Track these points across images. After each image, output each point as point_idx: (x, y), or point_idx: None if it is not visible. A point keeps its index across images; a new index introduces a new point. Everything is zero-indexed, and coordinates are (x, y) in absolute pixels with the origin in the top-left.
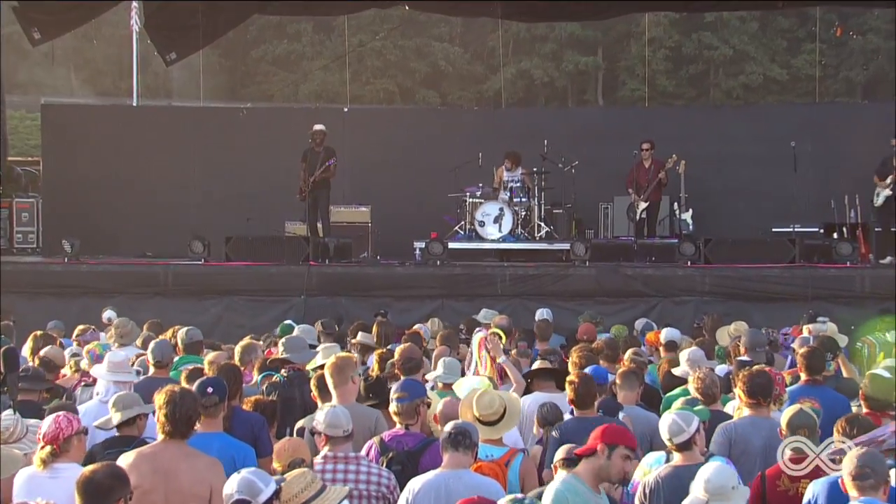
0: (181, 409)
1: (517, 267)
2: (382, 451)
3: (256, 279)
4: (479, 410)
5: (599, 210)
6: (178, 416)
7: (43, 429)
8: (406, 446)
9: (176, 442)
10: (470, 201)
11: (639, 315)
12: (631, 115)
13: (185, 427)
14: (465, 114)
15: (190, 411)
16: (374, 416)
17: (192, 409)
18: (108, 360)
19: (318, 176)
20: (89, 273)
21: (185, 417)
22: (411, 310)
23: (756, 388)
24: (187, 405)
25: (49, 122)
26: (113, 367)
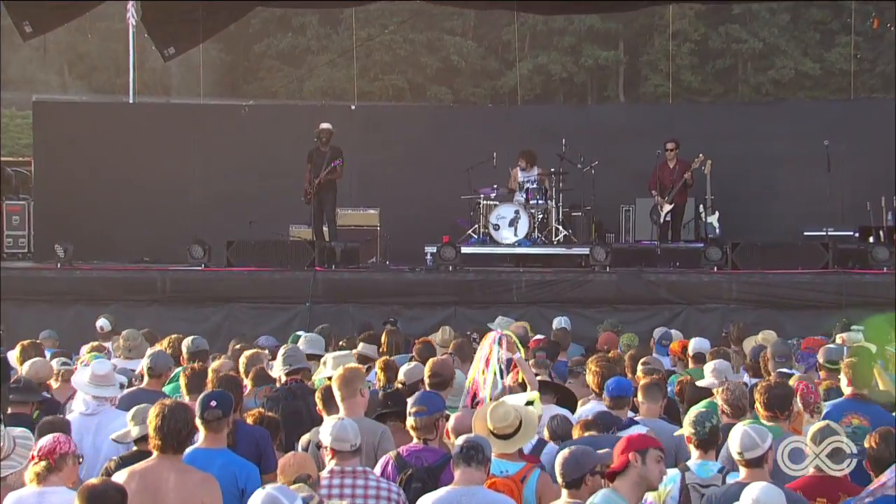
0: (171, 422)
1: (533, 273)
2: (400, 467)
3: (259, 286)
4: (494, 423)
5: (620, 213)
6: (167, 429)
7: (41, 443)
8: (425, 462)
9: (168, 457)
10: (484, 203)
11: (662, 324)
12: (654, 113)
13: (175, 441)
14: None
15: (180, 424)
16: (380, 431)
17: (183, 422)
18: (92, 371)
19: (323, 177)
20: (83, 279)
21: (175, 431)
22: (422, 318)
23: (774, 400)
24: (178, 418)
25: (41, 120)
26: (95, 379)
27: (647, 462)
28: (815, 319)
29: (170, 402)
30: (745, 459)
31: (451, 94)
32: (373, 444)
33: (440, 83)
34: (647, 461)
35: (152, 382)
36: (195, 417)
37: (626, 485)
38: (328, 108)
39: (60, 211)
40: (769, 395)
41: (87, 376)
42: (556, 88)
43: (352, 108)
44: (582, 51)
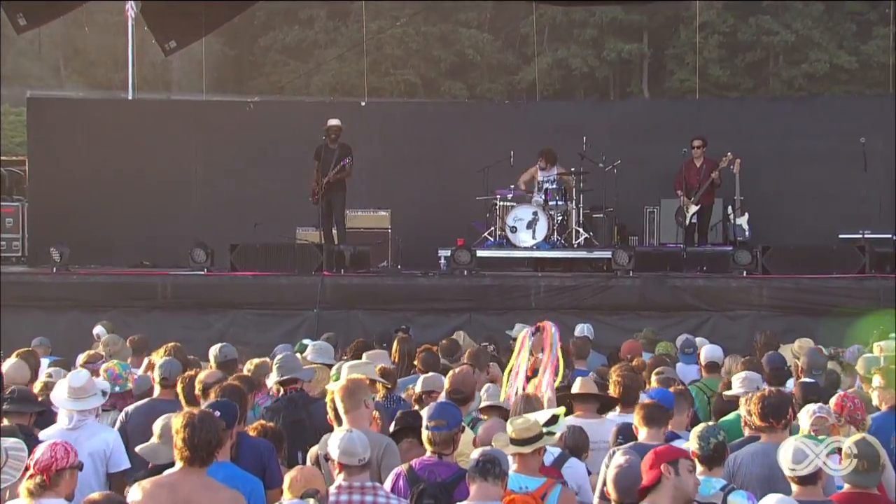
0: (201, 433)
1: (553, 278)
2: (412, 482)
3: (264, 291)
4: (515, 428)
5: (644, 214)
6: (197, 441)
7: (36, 455)
8: (439, 477)
9: (195, 470)
10: (500, 205)
11: (688, 331)
12: (680, 109)
13: (205, 454)
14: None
15: (210, 436)
16: (383, 444)
17: (213, 433)
18: (69, 384)
19: (332, 177)
20: (80, 284)
21: (205, 443)
22: (436, 325)
23: (769, 409)
24: (208, 429)
25: (36, 117)
26: (74, 392)
27: (681, 472)
28: (851, 327)
29: (198, 411)
30: (798, 477)
31: (466, 90)
32: (376, 457)
33: (454, 78)
34: (681, 471)
35: (165, 392)
36: (220, 430)
37: (663, 499)
38: (337, 105)
39: (56, 213)
40: (764, 405)
41: (64, 390)
42: (576, 84)
43: (361, 105)
44: (604, 44)
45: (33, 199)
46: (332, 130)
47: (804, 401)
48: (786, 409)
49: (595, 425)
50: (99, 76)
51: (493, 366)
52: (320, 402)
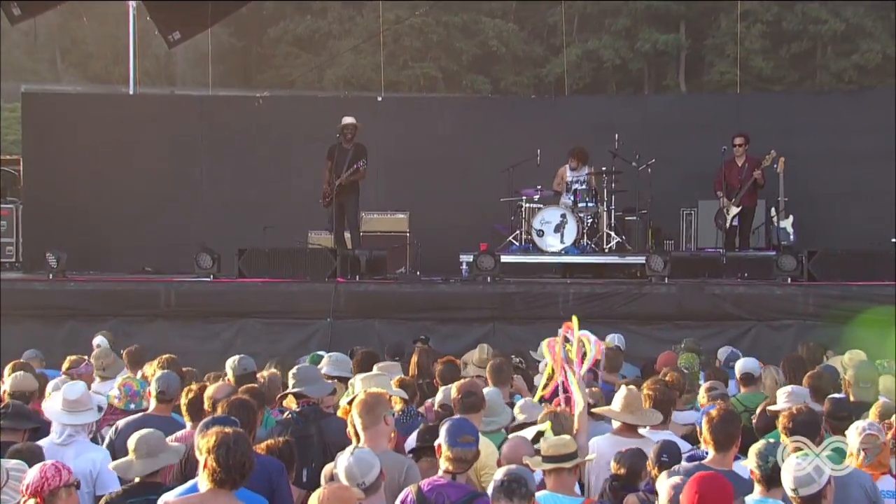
0: (236, 454)
1: (582, 284)
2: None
3: (274, 299)
4: (550, 445)
5: (681, 217)
6: (231, 462)
7: (27, 478)
8: (448, 499)
9: (225, 493)
10: (527, 206)
11: (728, 342)
12: (720, 104)
13: (238, 476)
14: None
15: (245, 458)
16: (405, 466)
17: (247, 454)
18: (64, 396)
19: (345, 178)
20: (78, 292)
21: (239, 465)
22: (457, 335)
23: (799, 426)
24: (243, 450)
25: (31, 113)
26: (68, 405)
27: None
28: None
29: (231, 430)
30: (801, 497)
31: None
32: (398, 480)
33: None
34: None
35: (161, 407)
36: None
37: None
38: (352, 100)
39: (52, 215)
40: (794, 422)
41: (59, 403)
42: (608, 77)
43: (378, 100)
44: (638, 34)
45: (28, 200)
46: (347, 129)
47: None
48: (817, 427)
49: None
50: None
51: (517, 378)
52: (333, 418)
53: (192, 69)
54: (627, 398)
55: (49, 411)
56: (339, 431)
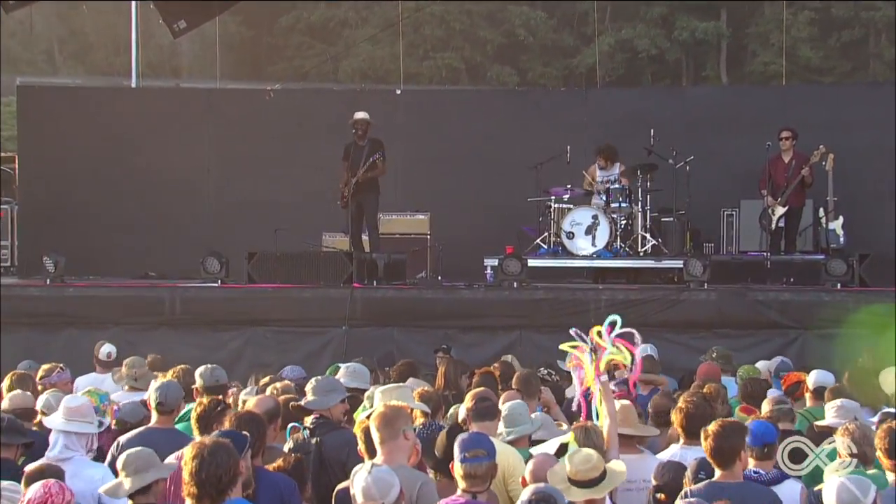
0: (211, 466)
1: (615, 290)
2: None
3: (286, 306)
4: (575, 468)
5: (722, 218)
6: (205, 475)
7: (28, 495)
8: None
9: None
10: (556, 207)
11: (772, 352)
12: (764, 96)
13: (214, 491)
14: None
15: (221, 470)
16: (419, 482)
17: (224, 467)
18: (65, 405)
19: (361, 175)
20: (77, 298)
21: (214, 478)
22: (481, 344)
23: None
24: (220, 462)
25: (27, 108)
26: (70, 413)
27: None
28: None
29: (210, 441)
30: None
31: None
32: (410, 497)
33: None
34: None
35: (162, 419)
36: (237, 463)
37: None
38: (368, 93)
39: (50, 217)
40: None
41: (60, 413)
42: (643, 68)
43: (397, 93)
44: (675, 22)
45: (24, 201)
46: (359, 125)
47: None
48: None
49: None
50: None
51: (545, 391)
52: (337, 432)
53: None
54: (623, 412)
55: (51, 422)
56: (340, 446)
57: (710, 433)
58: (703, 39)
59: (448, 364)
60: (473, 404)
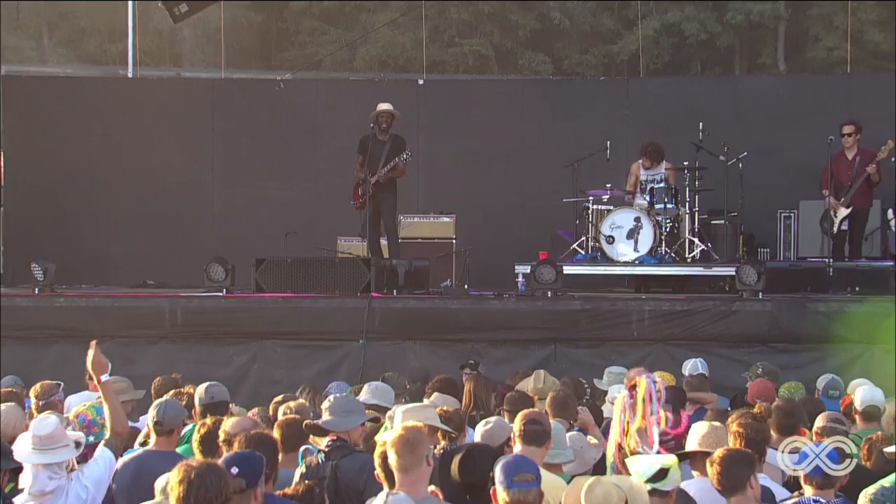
0: (199, 490)
1: (660, 300)
2: None
3: (298, 317)
4: None
5: (778, 220)
6: (193, 500)
7: None
8: None
9: None
10: (594, 209)
11: (835, 369)
12: (826, 86)
13: None
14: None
15: (211, 494)
16: None
17: (215, 490)
18: (33, 431)
19: (382, 176)
20: (68, 309)
21: (204, 502)
22: (512, 359)
23: None
24: (208, 486)
25: (13, 99)
26: (40, 442)
27: None
28: None
29: (197, 463)
30: None
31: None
32: None
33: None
34: None
35: (161, 441)
36: (229, 485)
37: None
38: (388, 83)
39: (38, 220)
40: None
41: (28, 442)
42: (691, 55)
43: (419, 83)
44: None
45: (10, 202)
46: (383, 118)
47: None
48: None
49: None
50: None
51: (582, 411)
52: (354, 456)
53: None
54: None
55: (20, 454)
56: (358, 471)
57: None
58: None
59: (476, 381)
60: (523, 426)
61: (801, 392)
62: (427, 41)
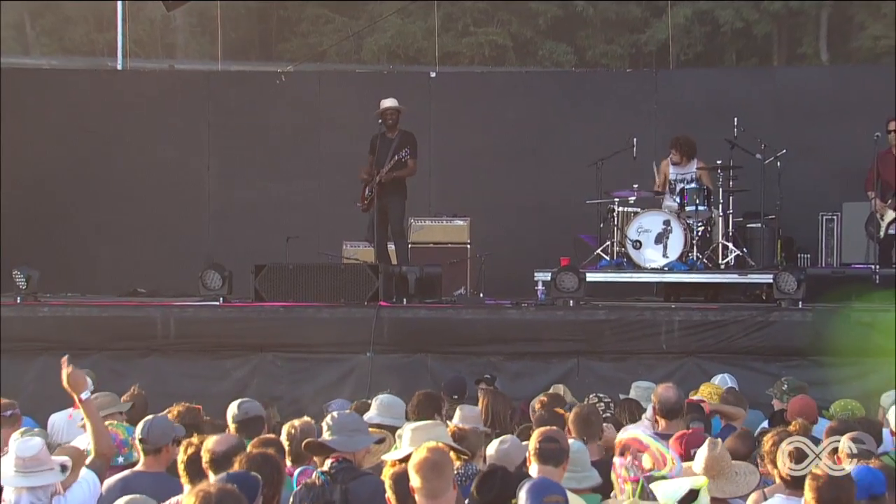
0: None
1: (691, 310)
2: None
3: (300, 328)
4: None
5: (820, 224)
6: None
7: None
8: None
9: None
10: (620, 211)
11: (883, 384)
12: (872, 78)
13: None
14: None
15: None
16: None
17: None
18: (16, 453)
19: (384, 175)
20: (53, 319)
21: None
22: (531, 374)
23: None
24: None
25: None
26: (24, 465)
27: None
28: None
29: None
30: None
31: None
32: None
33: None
34: None
35: (150, 461)
36: None
37: None
38: (398, 76)
39: (20, 223)
40: None
41: (10, 464)
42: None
43: (431, 76)
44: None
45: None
46: (388, 115)
47: None
48: None
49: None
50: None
51: (608, 428)
52: (364, 479)
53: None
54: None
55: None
56: (370, 496)
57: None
58: (798, 9)
59: (492, 397)
60: (539, 444)
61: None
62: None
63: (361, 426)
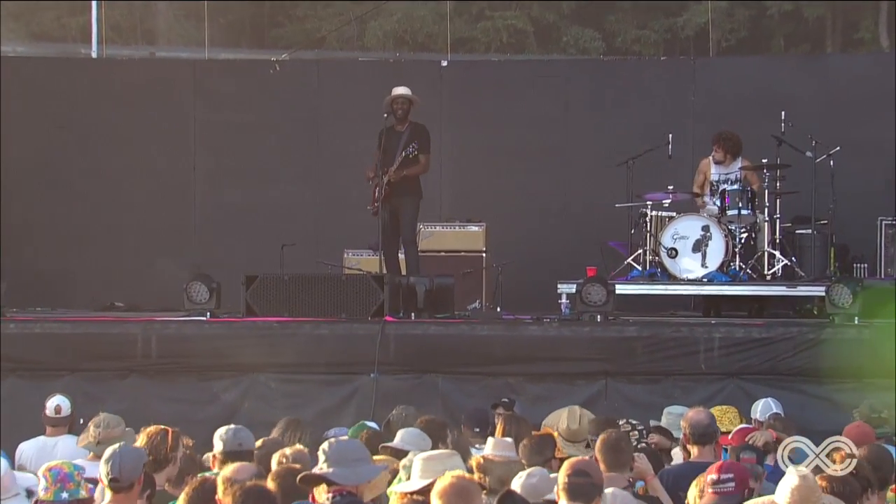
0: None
1: (734, 326)
2: None
3: (296, 346)
4: None
5: (879, 230)
6: None
7: None
8: None
9: None
10: (653, 216)
11: None
12: None
13: None
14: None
15: None
16: None
17: None
18: None
19: (393, 173)
20: (20, 337)
21: None
22: (554, 397)
23: None
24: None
25: None
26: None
27: None
28: None
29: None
30: None
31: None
32: None
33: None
34: None
35: (120, 499)
36: None
37: None
38: (405, 65)
39: None
40: None
41: None
42: (771, 30)
43: (442, 65)
44: None
45: None
46: (399, 104)
47: None
48: None
49: None
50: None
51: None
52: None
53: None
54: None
55: None
56: None
57: None
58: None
59: (510, 423)
60: (567, 478)
61: None
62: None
63: (363, 454)
